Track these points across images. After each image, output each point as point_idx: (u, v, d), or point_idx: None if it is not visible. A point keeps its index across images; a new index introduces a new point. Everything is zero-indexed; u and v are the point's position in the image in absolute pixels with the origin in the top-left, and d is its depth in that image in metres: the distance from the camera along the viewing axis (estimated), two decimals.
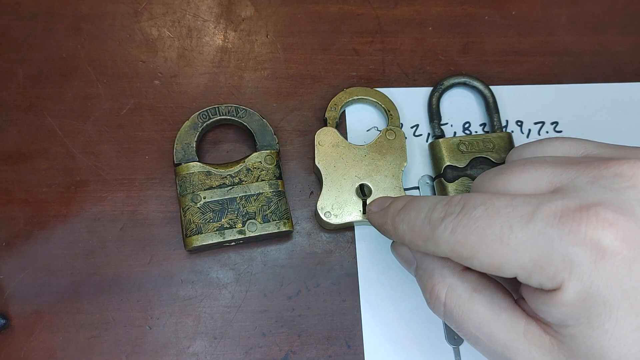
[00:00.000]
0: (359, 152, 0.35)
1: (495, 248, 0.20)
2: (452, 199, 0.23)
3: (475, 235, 0.21)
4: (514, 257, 0.20)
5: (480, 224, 0.21)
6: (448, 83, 0.38)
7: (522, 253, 0.20)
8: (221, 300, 0.33)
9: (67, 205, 0.34)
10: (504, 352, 0.22)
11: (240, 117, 0.36)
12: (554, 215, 0.19)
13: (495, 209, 0.21)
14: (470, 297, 0.23)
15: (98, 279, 0.33)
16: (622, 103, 0.39)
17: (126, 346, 0.32)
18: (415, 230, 0.24)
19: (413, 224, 0.24)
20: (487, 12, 0.41)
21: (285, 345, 0.33)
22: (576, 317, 0.20)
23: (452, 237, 0.21)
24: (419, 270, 0.26)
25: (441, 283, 0.24)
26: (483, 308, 0.23)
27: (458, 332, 0.24)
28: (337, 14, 0.40)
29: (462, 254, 0.21)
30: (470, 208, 0.21)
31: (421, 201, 0.24)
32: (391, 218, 0.26)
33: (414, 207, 0.24)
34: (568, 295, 0.19)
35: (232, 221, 0.33)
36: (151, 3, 0.40)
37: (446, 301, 0.24)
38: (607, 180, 0.20)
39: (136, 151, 0.36)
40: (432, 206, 0.23)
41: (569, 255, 0.19)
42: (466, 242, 0.21)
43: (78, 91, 0.37)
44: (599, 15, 0.42)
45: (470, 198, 0.22)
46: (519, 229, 0.20)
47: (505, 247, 0.20)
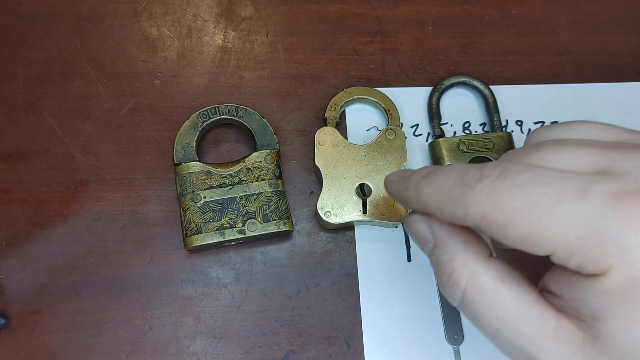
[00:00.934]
0: (359, 152, 0.35)
1: (540, 218, 0.18)
2: (486, 165, 0.21)
3: (519, 201, 0.19)
4: (559, 232, 0.18)
5: (526, 189, 0.19)
6: (448, 83, 0.38)
7: (570, 228, 0.18)
8: (221, 300, 0.33)
9: (67, 205, 0.34)
10: (527, 348, 0.20)
11: (240, 116, 0.36)
12: (611, 195, 0.18)
13: (543, 178, 0.19)
14: (495, 287, 0.21)
15: (98, 279, 0.33)
16: (622, 103, 0.39)
17: (126, 346, 0.32)
18: (442, 193, 0.21)
19: (441, 187, 0.22)
20: (487, 12, 0.41)
21: (285, 345, 0.33)
22: (617, 309, 0.18)
23: (488, 199, 0.20)
24: (436, 250, 0.24)
25: (463, 268, 0.22)
26: (509, 300, 0.21)
27: (474, 322, 0.22)
28: (337, 14, 0.40)
29: (497, 220, 0.19)
30: (512, 173, 0.20)
31: (449, 167, 0.22)
32: (414, 183, 0.23)
33: (442, 172, 0.22)
34: (612, 282, 0.18)
35: (232, 221, 0.33)
36: (151, 3, 0.40)
37: (466, 289, 0.22)
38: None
39: (136, 151, 0.36)
40: (465, 170, 0.21)
41: (623, 239, 0.18)
42: (505, 207, 0.19)
43: (78, 91, 0.37)
44: (599, 15, 0.42)
45: (510, 165, 0.20)
46: (571, 201, 0.18)
47: (552, 219, 0.18)
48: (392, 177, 0.26)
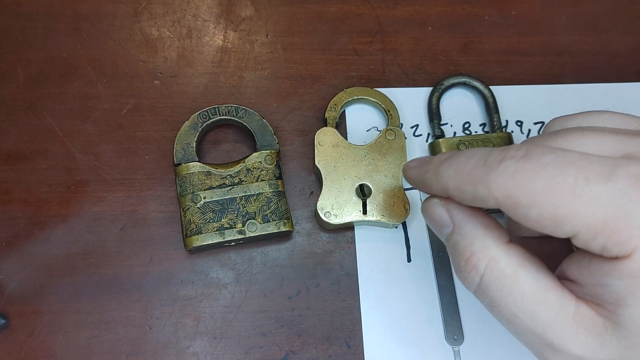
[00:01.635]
0: (359, 152, 0.35)
1: (565, 198, 0.18)
2: (509, 147, 0.21)
3: (543, 181, 0.19)
4: (584, 212, 0.18)
5: (550, 170, 0.19)
6: (448, 83, 0.38)
7: (595, 209, 0.18)
8: (221, 300, 0.33)
9: (67, 205, 0.34)
10: (545, 334, 0.20)
11: (240, 117, 0.36)
12: (637, 177, 0.18)
13: (569, 160, 0.19)
14: (514, 272, 0.21)
15: (98, 279, 0.33)
16: (622, 103, 0.39)
17: (126, 346, 0.32)
18: (464, 174, 0.21)
19: (462, 168, 0.21)
20: (487, 12, 0.41)
21: (285, 345, 0.33)
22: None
23: (512, 179, 0.19)
24: (455, 235, 0.23)
25: (482, 252, 0.22)
26: (528, 285, 0.21)
27: (490, 308, 0.22)
28: (337, 14, 0.40)
29: (520, 200, 0.19)
30: (537, 154, 0.19)
31: (471, 150, 0.22)
32: (435, 166, 0.23)
33: (464, 154, 0.22)
34: (636, 264, 0.18)
35: (232, 221, 0.33)
36: (151, 3, 0.40)
37: (485, 273, 0.22)
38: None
39: (136, 151, 0.36)
40: (487, 152, 0.21)
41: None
42: (529, 187, 0.19)
43: (78, 91, 0.37)
44: (599, 15, 0.42)
45: (534, 147, 0.20)
46: (596, 182, 0.18)
47: (577, 200, 0.18)
48: (411, 163, 0.26)
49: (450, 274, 0.34)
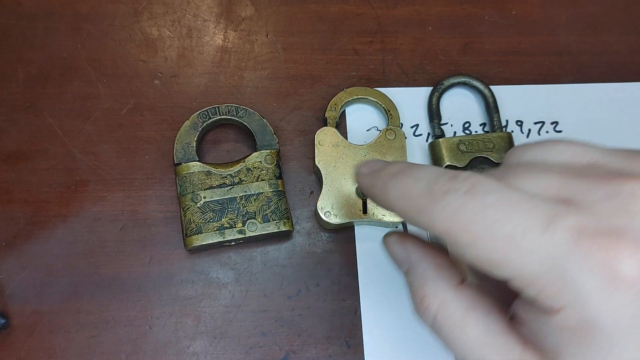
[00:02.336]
0: (359, 152, 0.35)
1: (502, 246, 0.18)
2: (458, 174, 0.20)
3: (483, 224, 0.19)
4: (519, 262, 0.18)
5: (491, 213, 0.18)
6: (448, 83, 0.38)
7: (530, 260, 0.18)
8: (221, 300, 0.33)
9: (67, 205, 0.34)
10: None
11: (240, 117, 0.36)
12: (573, 231, 0.18)
13: (512, 202, 0.19)
14: (463, 316, 0.22)
15: (98, 279, 0.33)
16: (622, 103, 0.39)
17: (126, 346, 0.32)
18: (409, 200, 0.21)
19: (408, 192, 0.21)
20: (487, 12, 0.41)
21: (285, 345, 0.33)
22: (574, 346, 0.18)
23: (453, 217, 0.19)
24: (410, 274, 0.24)
25: (433, 296, 0.22)
26: (477, 330, 0.21)
27: (445, 346, 0.23)
28: (337, 14, 0.40)
29: (459, 240, 0.19)
30: (482, 191, 0.19)
31: (420, 169, 0.22)
32: (382, 181, 0.23)
33: (412, 174, 0.21)
34: (567, 320, 0.18)
35: (232, 221, 0.33)
36: (151, 3, 0.40)
37: (437, 316, 0.22)
38: (623, 200, 0.18)
39: (136, 151, 0.36)
40: (434, 177, 0.21)
41: (579, 280, 0.17)
42: (469, 229, 0.19)
43: (78, 91, 0.37)
44: (599, 15, 0.42)
45: (481, 180, 0.20)
46: (534, 233, 0.18)
47: (513, 249, 0.18)
48: (362, 169, 0.25)
49: None
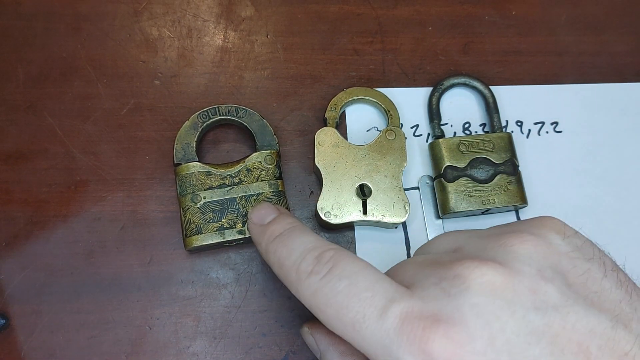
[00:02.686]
0: (359, 152, 0.35)
1: (348, 329, 0.21)
2: (323, 254, 0.23)
3: (333, 309, 0.21)
4: (362, 345, 0.21)
5: (339, 300, 0.21)
6: (448, 83, 0.38)
7: (368, 344, 0.20)
8: (221, 300, 0.33)
9: (67, 205, 0.34)
10: None
11: (240, 117, 0.36)
12: (399, 317, 0.20)
13: (357, 290, 0.21)
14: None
15: (98, 279, 0.33)
16: (622, 103, 0.39)
17: (126, 346, 0.32)
18: (283, 270, 0.24)
19: (282, 263, 0.24)
20: (487, 12, 0.41)
21: (285, 345, 0.33)
22: None
23: (312, 299, 0.22)
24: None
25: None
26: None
27: None
28: (337, 14, 0.40)
29: (320, 317, 0.22)
30: (335, 276, 0.22)
31: (296, 240, 0.25)
32: (265, 242, 0.26)
33: (288, 245, 0.25)
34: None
35: (232, 221, 0.33)
36: (151, 3, 0.40)
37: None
38: (447, 282, 0.21)
39: (136, 151, 0.36)
40: (304, 254, 0.23)
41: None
42: (324, 310, 0.22)
43: (78, 91, 0.37)
44: (599, 15, 0.42)
45: (340, 263, 0.22)
46: (370, 321, 0.20)
47: (356, 334, 0.21)
48: (253, 217, 0.28)
49: None
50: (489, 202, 0.34)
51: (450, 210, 0.34)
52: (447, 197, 0.34)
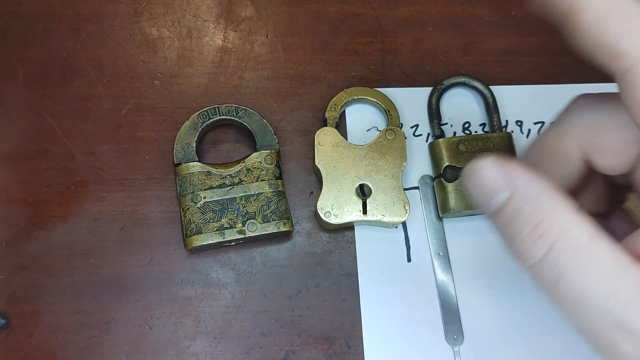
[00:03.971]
0: (359, 152, 0.35)
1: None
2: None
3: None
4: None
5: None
6: (448, 83, 0.38)
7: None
8: (221, 300, 0.33)
9: (67, 205, 0.34)
10: (622, 314, 0.18)
11: (240, 117, 0.36)
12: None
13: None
14: (591, 243, 0.19)
15: (98, 279, 0.33)
16: None
17: (126, 346, 0.32)
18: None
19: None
20: (487, 12, 0.41)
21: (285, 345, 0.33)
22: None
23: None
24: (515, 201, 0.21)
25: (554, 218, 0.19)
26: (606, 258, 0.19)
27: (553, 284, 0.20)
28: (337, 14, 0.40)
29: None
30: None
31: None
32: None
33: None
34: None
35: (232, 221, 0.33)
36: (151, 3, 0.40)
37: (556, 242, 0.19)
38: None
39: (136, 151, 0.36)
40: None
41: None
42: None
43: (78, 91, 0.37)
44: None
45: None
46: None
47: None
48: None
49: (451, 274, 0.34)
50: None
51: (450, 210, 0.34)
52: (447, 197, 0.34)
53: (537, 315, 0.34)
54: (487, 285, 0.34)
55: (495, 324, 0.34)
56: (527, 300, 0.34)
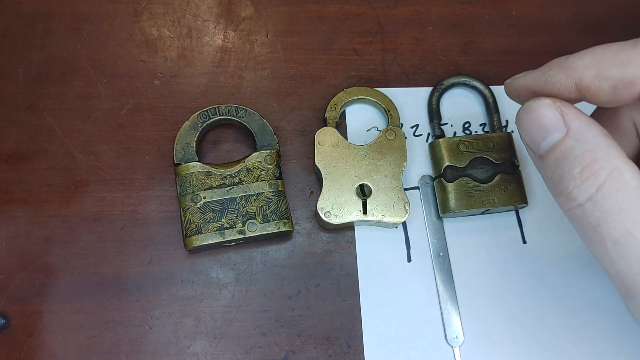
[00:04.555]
0: (359, 152, 0.35)
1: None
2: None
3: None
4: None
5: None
6: (448, 83, 0.38)
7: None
8: (221, 300, 0.33)
9: (67, 205, 0.34)
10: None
11: (240, 117, 0.36)
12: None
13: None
14: (638, 187, 0.20)
15: (98, 279, 0.33)
16: None
17: (126, 346, 0.32)
18: (606, 58, 0.21)
19: (603, 53, 0.21)
20: (487, 12, 0.41)
21: (285, 345, 0.33)
22: None
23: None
24: (569, 140, 0.21)
25: (606, 160, 0.20)
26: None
27: (597, 225, 0.21)
28: (337, 14, 0.40)
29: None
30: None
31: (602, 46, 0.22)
32: (560, 61, 0.23)
33: (597, 47, 0.22)
34: None
35: (232, 221, 0.33)
36: (151, 3, 0.40)
37: (606, 182, 0.20)
38: None
39: (136, 151, 0.36)
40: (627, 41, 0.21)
41: None
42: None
43: (78, 91, 0.37)
44: (599, 15, 0.42)
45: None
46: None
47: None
48: (516, 76, 0.24)
49: (450, 274, 0.34)
50: (489, 202, 0.34)
51: (450, 210, 0.34)
52: (447, 196, 0.34)
53: (537, 315, 0.34)
54: (487, 285, 0.34)
55: (495, 324, 0.34)
56: (527, 300, 0.34)
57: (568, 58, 0.22)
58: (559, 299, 0.34)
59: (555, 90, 0.23)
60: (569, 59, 0.22)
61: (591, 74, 0.21)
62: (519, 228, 0.36)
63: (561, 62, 0.23)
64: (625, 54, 0.20)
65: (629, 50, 0.20)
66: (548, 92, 0.23)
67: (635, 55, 0.20)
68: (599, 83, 0.21)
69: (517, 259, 0.35)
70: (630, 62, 0.20)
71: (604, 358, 0.33)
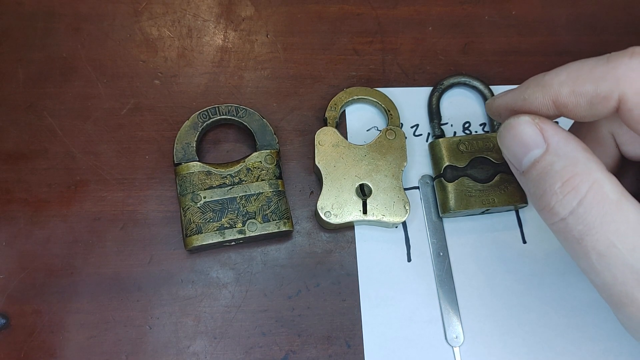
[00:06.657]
0: (359, 152, 0.35)
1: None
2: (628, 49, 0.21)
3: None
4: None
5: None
6: (448, 83, 0.38)
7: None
8: (221, 300, 0.33)
9: (67, 205, 0.34)
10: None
11: (240, 117, 0.36)
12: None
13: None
14: (619, 199, 0.20)
15: (98, 279, 0.33)
16: None
17: (126, 346, 0.32)
18: (582, 73, 0.21)
19: (578, 69, 0.22)
20: (487, 12, 0.41)
21: (285, 345, 0.33)
22: None
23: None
24: (549, 156, 0.22)
25: (586, 174, 0.21)
26: (633, 214, 0.20)
27: (580, 238, 0.21)
28: (337, 14, 0.40)
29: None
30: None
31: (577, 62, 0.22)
32: (537, 80, 0.23)
33: (575, 62, 0.22)
34: None
35: (232, 221, 0.33)
36: (151, 3, 0.40)
37: (587, 196, 0.20)
38: None
39: (136, 151, 0.36)
40: (601, 57, 0.21)
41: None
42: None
43: (78, 91, 0.37)
44: (599, 15, 0.42)
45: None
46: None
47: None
48: (497, 95, 0.25)
49: (450, 273, 0.34)
50: (488, 202, 0.34)
51: (450, 209, 0.34)
52: (447, 196, 0.34)
53: (537, 315, 0.34)
54: (487, 285, 0.34)
55: (495, 324, 0.34)
56: (527, 300, 0.34)
57: (545, 76, 0.23)
58: (559, 299, 0.34)
59: (534, 107, 0.23)
60: (545, 77, 0.23)
61: (567, 91, 0.22)
62: (519, 228, 0.36)
63: (538, 80, 0.23)
64: (599, 69, 0.21)
65: (602, 66, 0.21)
66: (527, 110, 0.24)
67: (608, 71, 0.21)
68: (575, 99, 0.22)
69: (517, 259, 0.35)
70: (604, 78, 0.21)
71: (604, 358, 0.33)
